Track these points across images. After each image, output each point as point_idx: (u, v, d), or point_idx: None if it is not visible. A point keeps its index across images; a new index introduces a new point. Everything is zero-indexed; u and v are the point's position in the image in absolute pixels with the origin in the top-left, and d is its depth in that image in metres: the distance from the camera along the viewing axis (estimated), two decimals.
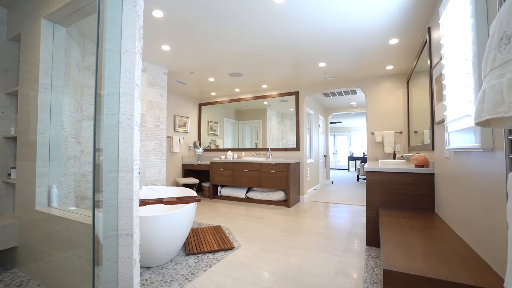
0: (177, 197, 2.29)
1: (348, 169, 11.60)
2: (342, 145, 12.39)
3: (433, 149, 2.21)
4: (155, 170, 3.55)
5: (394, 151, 3.77)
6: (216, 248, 2.30)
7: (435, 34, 2.10)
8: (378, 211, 2.36)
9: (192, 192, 2.64)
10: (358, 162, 11.06)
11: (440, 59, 1.80)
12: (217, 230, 2.82)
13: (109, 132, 1.17)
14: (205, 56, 3.27)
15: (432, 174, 2.18)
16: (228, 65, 3.60)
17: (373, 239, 2.40)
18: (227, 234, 2.76)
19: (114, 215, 1.16)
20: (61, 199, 2.07)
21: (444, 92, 1.61)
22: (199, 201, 2.24)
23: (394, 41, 2.78)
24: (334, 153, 12.48)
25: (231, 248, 2.34)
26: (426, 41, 2.34)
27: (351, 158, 9.79)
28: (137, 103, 1.26)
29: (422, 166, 2.33)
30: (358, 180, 7.63)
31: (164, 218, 1.91)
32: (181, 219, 2.04)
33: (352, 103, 6.51)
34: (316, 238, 2.64)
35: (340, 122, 10.88)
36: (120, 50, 1.21)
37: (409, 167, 2.33)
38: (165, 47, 3.00)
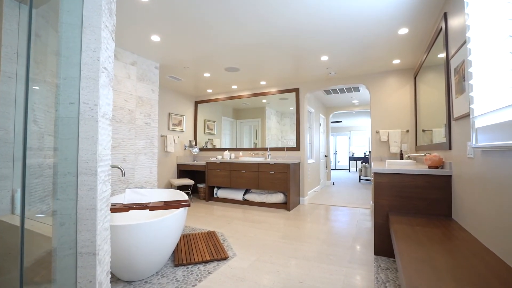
0: (164, 202, 2.06)
1: (349, 170, 11.39)
2: (342, 145, 12.17)
3: (450, 148, 1.98)
4: (145, 171, 3.31)
5: (401, 150, 3.55)
6: (208, 258, 2.07)
7: (453, 21, 1.87)
8: (388, 217, 2.13)
9: (183, 195, 2.40)
10: (359, 162, 10.86)
11: (464, 43, 1.57)
12: (211, 237, 2.58)
13: (66, 125, 0.94)
14: (199, 48, 3.04)
15: (449, 176, 1.96)
16: (225, 58, 3.36)
17: (382, 247, 2.18)
18: (221, 241, 2.52)
19: (72, 229, 0.93)
20: (34, 204, 1.83)
21: (470, 82, 1.38)
22: (189, 206, 2.01)
23: (403, 30, 2.55)
24: (335, 153, 12.27)
25: (225, 258, 2.11)
26: (441, 28, 2.11)
27: (352, 158, 9.59)
28: (104, 90, 1.03)
29: (437, 167, 2.10)
30: (359, 181, 7.40)
31: (148, 226, 1.68)
32: (168, 227, 1.80)
33: (354, 101, 6.28)
34: (319, 246, 2.41)
35: (341, 122, 10.66)
36: (82, 25, 0.97)
37: (422, 168, 2.10)
38: (155, 38, 2.76)
